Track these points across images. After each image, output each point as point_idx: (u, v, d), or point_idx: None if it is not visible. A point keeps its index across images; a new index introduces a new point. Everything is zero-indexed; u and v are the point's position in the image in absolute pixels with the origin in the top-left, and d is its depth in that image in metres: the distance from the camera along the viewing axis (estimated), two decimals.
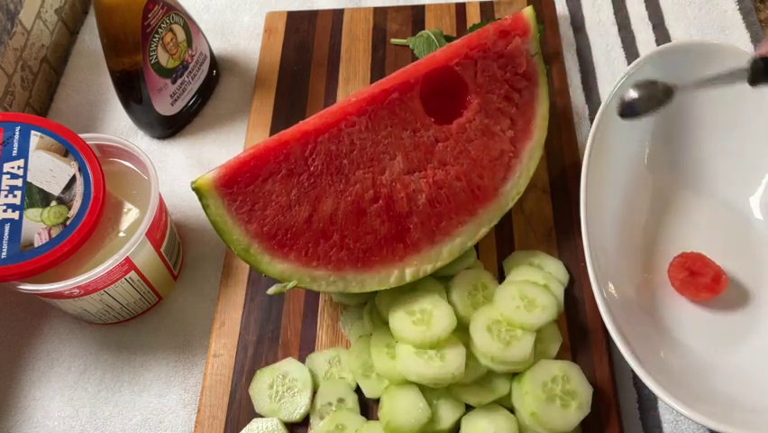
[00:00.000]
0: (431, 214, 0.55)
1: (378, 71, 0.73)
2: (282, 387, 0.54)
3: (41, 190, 0.53)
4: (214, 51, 0.75)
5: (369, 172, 0.53)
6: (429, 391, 0.52)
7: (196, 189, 0.49)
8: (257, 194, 0.50)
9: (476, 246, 0.60)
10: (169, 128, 0.71)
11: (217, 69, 0.75)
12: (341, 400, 0.53)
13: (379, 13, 0.77)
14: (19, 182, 0.52)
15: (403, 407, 0.50)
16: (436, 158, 0.55)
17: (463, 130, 0.56)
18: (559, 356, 0.54)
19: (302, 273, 0.51)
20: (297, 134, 0.52)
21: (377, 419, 0.52)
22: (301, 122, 0.53)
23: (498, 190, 0.57)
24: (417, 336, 0.51)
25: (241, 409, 0.54)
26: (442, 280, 0.57)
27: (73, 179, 0.53)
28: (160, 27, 0.64)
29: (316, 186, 0.52)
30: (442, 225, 0.55)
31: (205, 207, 0.49)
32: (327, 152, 0.52)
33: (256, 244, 0.50)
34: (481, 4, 0.76)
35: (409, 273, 0.54)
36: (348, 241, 0.52)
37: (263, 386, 0.54)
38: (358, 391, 0.54)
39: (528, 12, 0.58)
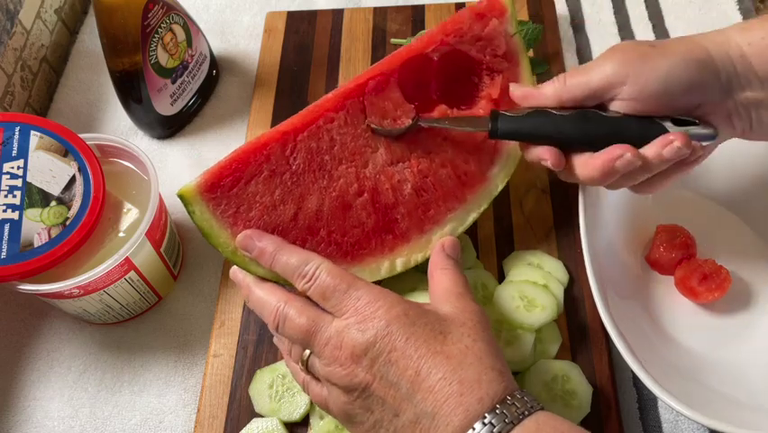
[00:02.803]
0: (418, 203, 0.54)
1: None
2: (282, 387, 0.54)
3: (40, 190, 0.53)
4: (214, 51, 0.75)
5: (351, 166, 0.53)
6: None
7: (181, 197, 0.49)
8: (241, 197, 0.50)
9: (476, 246, 0.60)
10: (169, 128, 0.71)
11: (217, 69, 0.75)
12: None
13: (379, 13, 0.77)
14: (19, 182, 0.52)
15: None
16: (420, 147, 0.55)
17: (445, 116, 0.56)
18: (559, 356, 0.54)
19: None
20: (276, 135, 0.52)
21: None
22: (280, 123, 0.53)
23: (485, 174, 0.57)
24: None
25: (241, 409, 0.54)
26: None
27: (73, 180, 0.53)
28: (160, 27, 0.64)
29: (300, 184, 0.52)
30: (430, 213, 0.55)
31: (191, 213, 0.50)
32: (308, 150, 0.52)
33: None
34: None
35: (400, 263, 0.54)
36: (335, 236, 0.52)
37: (263, 386, 0.54)
38: None
39: None
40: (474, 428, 0.39)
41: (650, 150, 0.47)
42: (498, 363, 0.42)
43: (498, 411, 0.39)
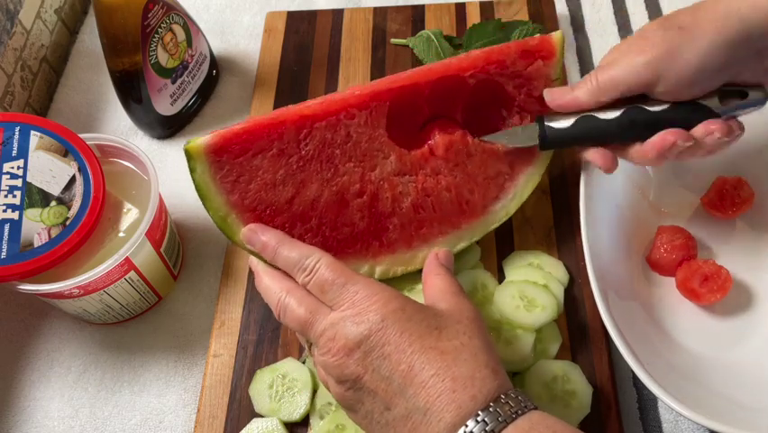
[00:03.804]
0: (413, 218, 0.54)
1: (377, 71, 0.73)
2: (282, 387, 0.54)
3: (40, 190, 0.53)
4: (214, 51, 0.75)
5: (359, 167, 0.53)
6: None
7: (186, 152, 0.50)
8: (244, 167, 0.50)
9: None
10: (169, 128, 0.71)
11: (217, 69, 0.75)
12: None
13: (379, 13, 0.77)
14: (19, 182, 0.52)
15: None
16: (430, 165, 0.55)
17: (465, 144, 0.56)
18: (559, 356, 0.54)
19: None
20: (294, 116, 0.52)
21: None
22: (302, 104, 0.53)
23: (486, 208, 0.56)
24: None
25: (241, 409, 0.54)
26: None
27: (73, 180, 0.53)
28: (160, 27, 0.64)
29: (304, 170, 0.52)
30: (422, 231, 0.55)
31: (191, 170, 0.50)
32: (321, 139, 0.52)
33: (234, 215, 0.51)
34: (481, 3, 0.76)
35: (379, 271, 0.54)
36: (325, 229, 0.52)
37: (263, 386, 0.54)
38: None
39: (557, 36, 0.56)
40: (467, 426, 0.39)
41: (696, 133, 0.49)
42: (492, 361, 0.42)
43: (491, 409, 0.39)
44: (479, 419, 0.39)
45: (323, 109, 0.52)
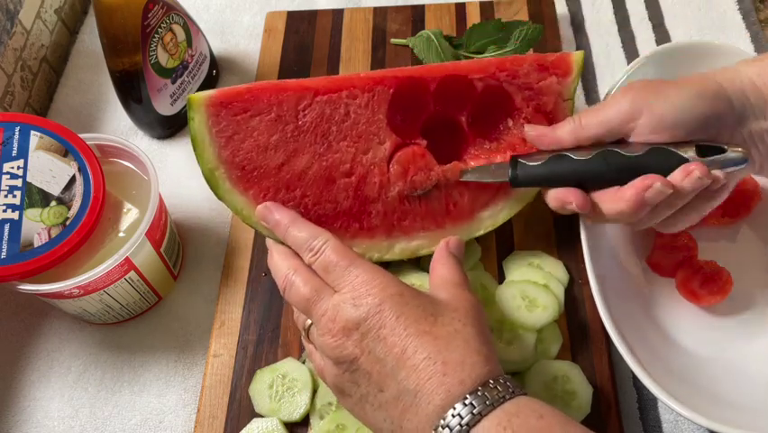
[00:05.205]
0: (396, 208, 0.54)
1: None
2: (282, 387, 0.54)
3: (40, 190, 0.53)
4: (214, 51, 0.75)
5: (353, 147, 0.54)
6: None
7: (189, 100, 0.51)
8: (240, 125, 0.52)
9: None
10: (169, 128, 0.71)
11: (217, 69, 0.75)
12: None
13: (379, 13, 0.77)
14: (19, 182, 0.52)
15: None
16: (424, 160, 0.55)
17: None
18: (559, 356, 0.54)
19: (252, 212, 0.52)
20: (297, 86, 0.53)
21: None
22: (308, 78, 0.54)
23: (474, 214, 0.56)
24: None
25: (241, 409, 0.54)
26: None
27: (73, 180, 0.53)
28: (160, 27, 0.64)
29: (298, 140, 0.52)
30: (404, 223, 0.55)
31: (190, 119, 0.51)
32: (320, 113, 0.53)
33: (222, 169, 0.51)
34: (481, 4, 0.76)
35: None
36: (307, 201, 0.53)
37: (263, 386, 0.54)
38: None
39: (578, 56, 0.56)
40: (455, 408, 0.39)
41: (673, 178, 0.47)
42: (484, 348, 0.43)
43: (479, 393, 0.40)
44: (466, 402, 0.39)
45: (326, 84, 0.53)
